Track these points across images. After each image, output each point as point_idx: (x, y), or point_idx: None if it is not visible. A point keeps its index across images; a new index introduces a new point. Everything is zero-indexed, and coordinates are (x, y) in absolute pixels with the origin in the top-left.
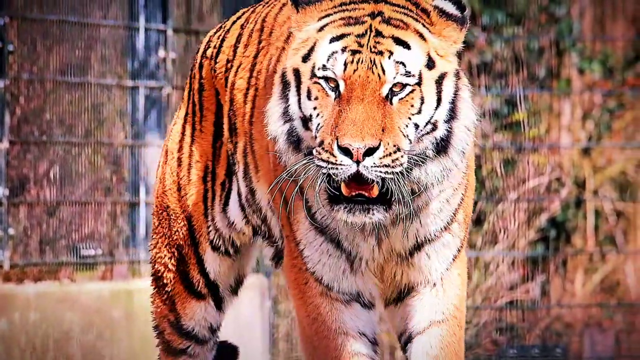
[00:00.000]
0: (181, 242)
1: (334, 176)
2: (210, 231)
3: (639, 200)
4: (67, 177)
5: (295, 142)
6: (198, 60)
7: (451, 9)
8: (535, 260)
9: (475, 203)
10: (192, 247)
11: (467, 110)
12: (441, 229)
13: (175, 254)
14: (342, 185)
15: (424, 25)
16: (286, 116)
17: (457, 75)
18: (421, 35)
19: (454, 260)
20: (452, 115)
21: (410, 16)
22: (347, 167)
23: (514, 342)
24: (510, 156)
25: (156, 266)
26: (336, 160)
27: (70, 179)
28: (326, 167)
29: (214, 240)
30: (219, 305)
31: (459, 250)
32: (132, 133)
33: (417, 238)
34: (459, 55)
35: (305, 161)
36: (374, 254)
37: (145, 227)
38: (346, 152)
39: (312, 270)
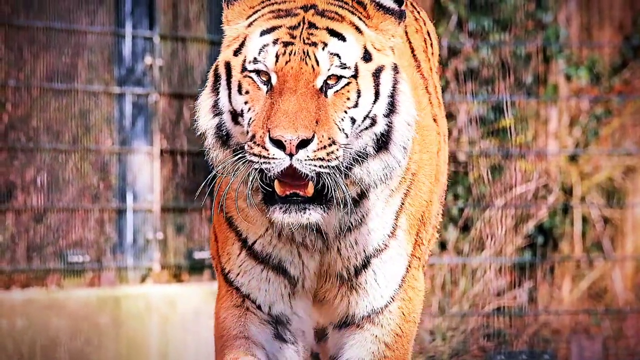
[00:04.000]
0: None
1: (266, 171)
2: None
3: (626, 207)
4: (54, 183)
5: (224, 137)
6: None
7: (389, 2)
8: (522, 267)
9: (462, 209)
10: None
11: (407, 105)
12: (387, 235)
13: None
14: (276, 183)
15: (360, 18)
16: (215, 110)
17: (395, 69)
18: (357, 28)
19: (401, 284)
20: (392, 109)
21: (346, 9)
22: (279, 160)
23: (502, 349)
24: (497, 163)
25: None
26: (268, 154)
27: (58, 185)
28: (258, 161)
29: None
30: None
31: (407, 270)
32: (119, 140)
33: (364, 250)
34: (445, 61)
35: (235, 157)
36: (316, 272)
37: (132, 233)
38: (278, 144)
39: (246, 292)
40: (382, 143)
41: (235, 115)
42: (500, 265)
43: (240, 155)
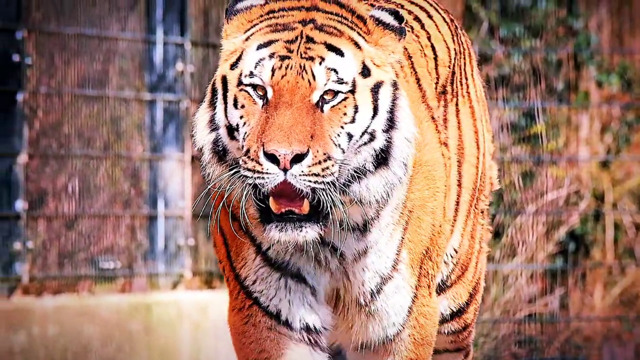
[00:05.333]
0: None
1: (260, 187)
2: None
3: None
4: (86, 190)
5: (220, 152)
6: None
7: (389, 19)
8: (554, 274)
9: (493, 216)
10: None
11: (406, 121)
12: (391, 267)
13: None
14: (271, 201)
15: (360, 34)
16: (212, 125)
17: (395, 85)
18: (356, 44)
19: (409, 314)
20: (391, 125)
21: (345, 24)
22: (273, 176)
23: (533, 356)
24: (528, 169)
25: None
26: (262, 169)
27: (89, 192)
28: (252, 177)
29: None
30: None
31: (414, 301)
32: (151, 146)
33: (374, 275)
34: (478, 66)
35: (231, 172)
36: (330, 292)
37: (164, 240)
38: (273, 159)
39: (265, 304)
40: (382, 159)
41: (231, 130)
42: (531, 272)
43: (235, 171)
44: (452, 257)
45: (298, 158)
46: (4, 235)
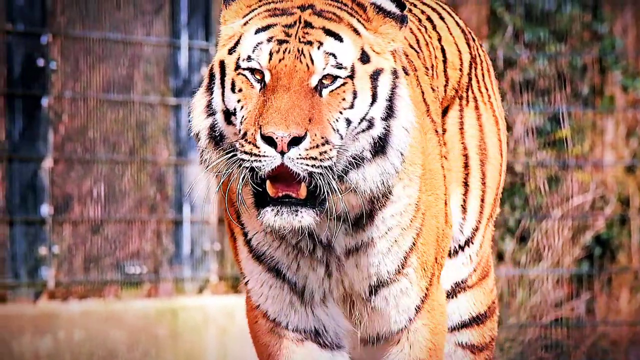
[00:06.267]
0: None
1: (257, 170)
2: None
3: None
4: (111, 195)
5: (217, 138)
6: None
7: (389, 6)
8: (580, 278)
9: (519, 221)
10: None
11: (405, 110)
12: (394, 271)
13: None
14: (268, 184)
15: (359, 21)
16: (209, 110)
17: (394, 73)
18: (355, 30)
19: (418, 310)
20: (390, 113)
21: (344, 10)
22: (270, 158)
23: None
24: (554, 174)
25: None
26: (259, 152)
27: (115, 196)
28: (249, 159)
29: None
30: None
31: (424, 301)
32: (176, 151)
33: (369, 277)
34: (502, 72)
35: (227, 156)
36: (324, 284)
37: (189, 244)
38: (270, 142)
39: (256, 303)
40: (380, 147)
41: (229, 115)
42: (558, 277)
43: (232, 155)
44: (476, 254)
45: (295, 141)
46: (29, 240)
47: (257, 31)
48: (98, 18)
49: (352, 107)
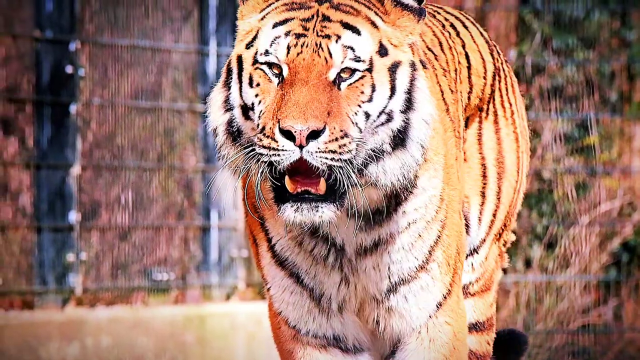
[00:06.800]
0: None
1: (276, 164)
2: None
3: None
4: (139, 201)
5: (234, 133)
6: None
7: None
8: (607, 284)
9: (547, 227)
10: None
11: (424, 102)
12: (416, 268)
13: None
14: (287, 180)
15: (377, 14)
16: (227, 105)
17: (413, 66)
18: (373, 23)
19: (439, 307)
20: (409, 106)
21: (362, 3)
22: (289, 152)
23: None
24: (582, 180)
25: None
26: (278, 146)
27: (142, 203)
28: (267, 154)
29: None
30: None
31: (446, 297)
32: (204, 157)
33: (389, 277)
34: (530, 79)
35: (246, 151)
36: (340, 292)
37: (217, 251)
38: (288, 135)
39: (278, 310)
40: (399, 140)
41: (246, 110)
42: (585, 283)
43: (250, 150)
44: (480, 265)
45: (314, 134)
46: (57, 246)
47: (275, 25)
48: (126, 25)
49: (370, 100)
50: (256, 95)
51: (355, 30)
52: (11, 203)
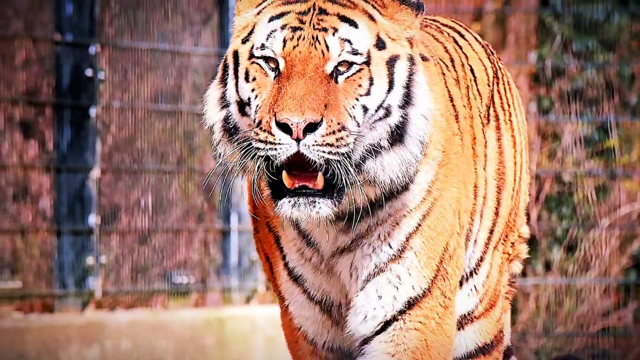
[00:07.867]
0: None
1: (273, 159)
2: None
3: None
4: (159, 204)
5: (231, 130)
6: None
7: None
8: (627, 287)
9: (567, 230)
10: None
11: (423, 97)
12: (388, 258)
13: None
14: (284, 175)
15: (374, 7)
16: (223, 102)
17: (411, 60)
18: (370, 16)
19: (411, 306)
20: (407, 100)
21: None
22: (286, 146)
23: None
24: (602, 183)
25: None
26: (274, 139)
27: (162, 206)
28: (264, 148)
29: None
30: None
31: (424, 295)
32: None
33: (362, 273)
34: (550, 81)
35: (242, 147)
36: (343, 299)
37: (237, 254)
38: (285, 129)
39: (298, 325)
40: (397, 136)
41: (243, 105)
42: (605, 286)
43: (246, 145)
44: (482, 285)
45: (311, 127)
46: (77, 250)
47: (271, 19)
48: (146, 28)
49: (368, 93)
50: (252, 90)
51: (353, 23)
52: (31, 206)
